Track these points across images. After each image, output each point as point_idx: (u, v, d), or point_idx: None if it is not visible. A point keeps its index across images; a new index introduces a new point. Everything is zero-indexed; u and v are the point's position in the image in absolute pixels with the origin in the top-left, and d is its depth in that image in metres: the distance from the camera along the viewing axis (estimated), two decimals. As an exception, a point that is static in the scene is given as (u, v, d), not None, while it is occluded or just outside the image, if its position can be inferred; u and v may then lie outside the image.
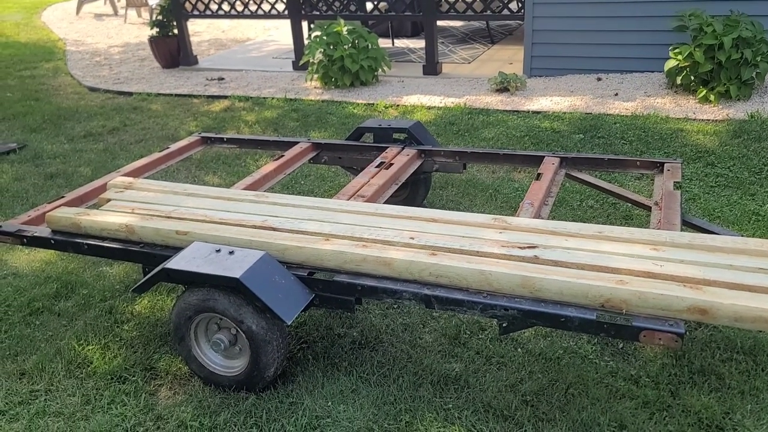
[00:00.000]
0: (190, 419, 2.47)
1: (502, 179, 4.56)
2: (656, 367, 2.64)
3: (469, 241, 2.54)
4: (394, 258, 2.44)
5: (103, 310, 3.20)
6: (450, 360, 2.78)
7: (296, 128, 5.91)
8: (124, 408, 2.55)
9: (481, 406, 2.49)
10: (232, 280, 2.37)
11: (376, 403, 2.53)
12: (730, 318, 2.06)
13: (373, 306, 3.16)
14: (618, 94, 6.01)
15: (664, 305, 2.11)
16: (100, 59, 9.58)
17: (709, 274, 2.21)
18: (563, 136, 5.17)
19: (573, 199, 4.17)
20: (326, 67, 6.88)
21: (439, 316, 3.06)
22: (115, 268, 3.63)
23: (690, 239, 2.46)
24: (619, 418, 2.39)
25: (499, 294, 2.31)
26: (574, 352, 2.77)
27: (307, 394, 2.59)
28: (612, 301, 2.17)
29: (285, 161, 3.77)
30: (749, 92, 5.45)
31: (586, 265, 2.33)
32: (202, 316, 2.58)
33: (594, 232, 2.57)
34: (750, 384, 2.51)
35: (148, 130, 6.16)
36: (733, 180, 4.21)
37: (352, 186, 3.33)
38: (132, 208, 3.01)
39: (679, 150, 4.70)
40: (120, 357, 2.86)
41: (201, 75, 8.20)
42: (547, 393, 2.54)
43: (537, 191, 3.14)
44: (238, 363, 2.62)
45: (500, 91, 6.47)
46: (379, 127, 3.97)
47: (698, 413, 2.38)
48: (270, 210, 2.94)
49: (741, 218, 3.74)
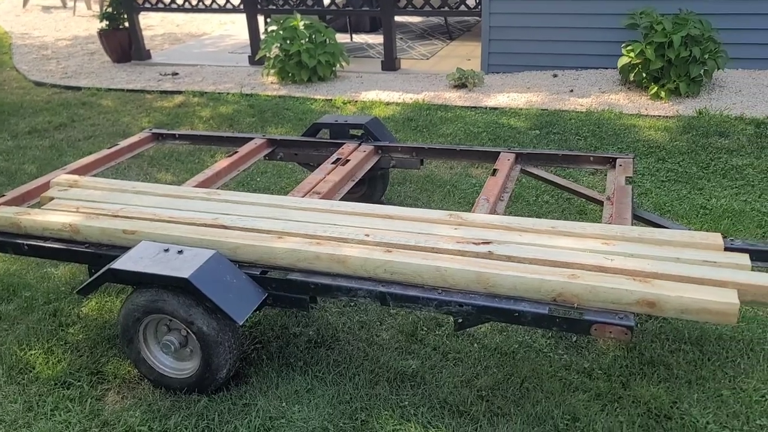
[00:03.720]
0: (139, 424, 2.39)
1: (460, 175, 4.57)
2: (608, 360, 2.68)
3: (425, 237, 2.53)
4: (348, 255, 2.41)
5: (47, 313, 3.08)
6: (407, 357, 2.76)
7: (253, 124, 5.81)
8: (68, 414, 2.45)
9: (437, 402, 2.49)
10: (181, 281, 2.30)
11: (331, 403, 2.50)
12: (676, 310, 2.10)
13: (329, 304, 3.13)
14: (573, 91, 6.10)
15: (614, 299, 2.13)
16: (47, 53, 9.24)
17: (658, 267, 2.25)
18: (520, 132, 5.22)
19: (529, 195, 4.21)
20: (283, 62, 6.79)
21: (396, 314, 3.04)
22: (60, 269, 3.50)
23: (640, 233, 2.50)
24: (572, 410, 2.41)
25: (454, 290, 2.31)
26: (529, 347, 2.79)
27: (260, 394, 2.54)
28: (564, 296, 2.19)
29: (239, 158, 3.69)
30: (698, 89, 5.60)
31: (539, 260, 2.34)
32: (151, 318, 2.50)
33: (547, 227, 2.59)
34: (696, 373, 2.57)
35: (98, 126, 5.97)
36: (683, 175, 4.32)
37: (307, 182, 3.28)
38: (77, 206, 2.90)
39: (631, 145, 4.80)
40: (65, 361, 2.75)
41: (154, 70, 7.99)
42: (502, 387, 2.55)
43: (492, 187, 3.15)
44: (189, 365, 2.55)
45: (458, 87, 6.50)
46: (335, 123, 3.93)
47: (647, 403, 2.43)
48: (222, 208, 2.86)
49: (690, 212, 3.84)
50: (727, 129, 4.90)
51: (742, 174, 4.25)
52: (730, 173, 4.28)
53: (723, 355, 2.68)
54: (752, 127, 4.91)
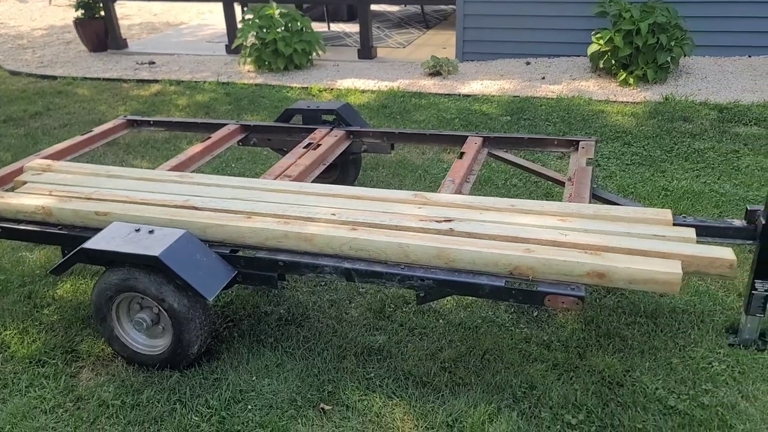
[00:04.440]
0: (112, 398, 2.47)
1: (432, 160, 4.66)
2: (567, 333, 2.80)
3: (389, 216, 2.62)
4: (315, 233, 2.49)
5: (22, 295, 3.13)
6: (374, 332, 2.86)
7: (229, 112, 5.85)
8: (42, 390, 2.52)
9: (402, 374, 2.59)
10: (152, 259, 2.37)
11: (300, 376, 2.59)
12: (625, 280, 2.21)
13: (300, 284, 3.21)
14: (545, 78, 6.21)
15: (566, 271, 2.24)
16: (23, 42, 9.17)
17: (609, 241, 2.36)
18: (492, 118, 5.32)
19: (498, 179, 4.32)
20: (259, 50, 6.82)
21: (365, 292, 3.14)
22: (35, 253, 3.54)
23: (594, 210, 2.61)
24: (530, 379, 2.53)
25: (416, 265, 2.40)
26: (492, 321, 2.90)
27: (231, 369, 2.63)
28: (520, 269, 2.30)
29: (212, 143, 3.75)
30: (665, 76, 5.74)
31: (497, 236, 2.44)
32: (124, 296, 2.57)
33: (507, 205, 2.69)
34: (649, 344, 2.70)
35: (73, 114, 5.97)
36: (647, 158, 4.45)
37: (278, 166, 3.35)
38: (50, 190, 2.94)
39: (599, 130, 4.92)
40: (39, 341, 2.81)
41: (131, 59, 7.97)
42: (464, 360, 2.66)
43: (459, 169, 3.25)
44: (161, 342, 2.62)
45: (433, 75, 6.58)
46: (308, 109, 4.00)
47: (602, 372, 2.55)
48: (193, 190, 2.93)
49: (652, 193, 3.97)
50: (691, 114, 5.04)
51: (703, 157, 4.40)
52: (692, 156, 4.42)
53: (675, 326, 2.81)
54: (715, 112, 5.06)
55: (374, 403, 2.45)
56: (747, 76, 5.77)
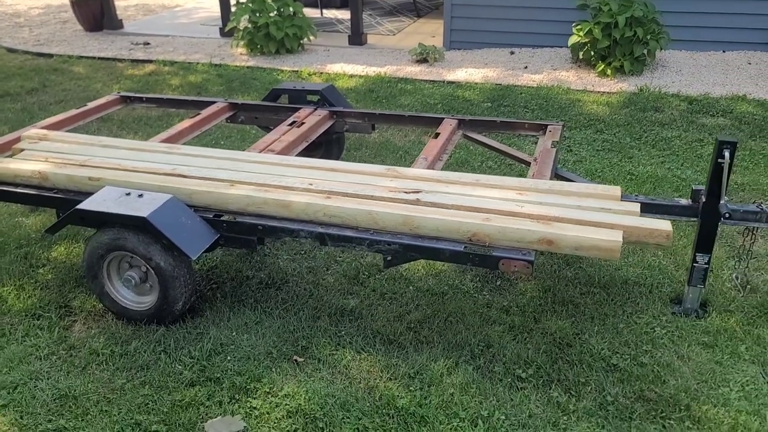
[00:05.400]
0: (102, 348, 2.68)
1: (413, 142, 4.87)
2: (525, 299, 3.03)
3: (362, 187, 2.83)
4: (292, 201, 2.71)
5: (19, 256, 3.33)
6: (348, 297, 3.08)
7: (221, 92, 6.03)
8: (37, 339, 2.73)
9: (371, 333, 2.81)
10: (140, 219, 2.58)
11: (277, 332, 2.81)
12: (571, 247, 2.44)
13: (281, 251, 3.43)
14: (527, 67, 6.42)
15: (519, 237, 2.47)
16: (20, 21, 9.28)
17: (560, 212, 2.58)
18: (473, 104, 5.53)
19: (474, 161, 4.53)
20: (252, 33, 6.99)
21: (342, 260, 3.35)
22: (31, 219, 3.74)
23: (550, 186, 2.83)
24: (488, 339, 2.76)
25: (384, 231, 2.62)
26: (458, 288, 3.12)
27: (213, 325, 2.84)
28: (478, 235, 2.52)
29: (201, 119, 3.94)
30: (641, 68, 5.96)
31: (460, 206, 2.66)
32: (114, 255, 2.77)
33: (472, 180, 2.91)
34: (600, 311, 2.94)
35: (69, 91, 6.14)
36: (617, 144, 4.68)
37: (263, 141, 3.55)
38: (46, 157, 3.14)
39: (574, 118, 5.14)
40: (35, 297, 3.02)
41: (126, 39, 8.12)
42: (429, 321, 2.89)
43: (433, 148, 3.46)
44: (148, 299, 2.83)
45: (420, 62, 6.77)
46: (293, 89, 4.19)
47: (553, 334, 2.78)
48: (181, 160, 3.13)
49: (618, 177, 4.20)
50: (662, 105, 5.27)
51: (669, 145, 4.63)
52: (660, 144, 4.65)
53: (625, 296, 3.04)
54: (686, 103, 5.29)
55: (344, 357, 2.67)
56: (719, 70, 6.00)
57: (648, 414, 2.37)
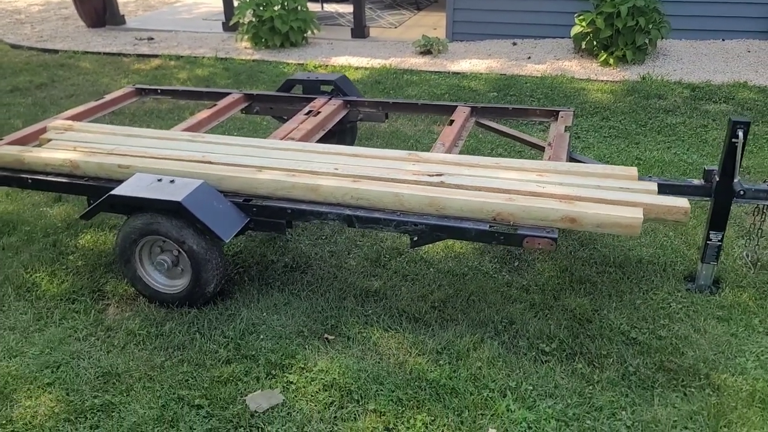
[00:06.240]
0: (138, 329, 2.76)
1: (423, 131, 4.96)
2: (544, 279, 3.13)
3: (387, 171, 2.91)
4: (320, 184, 2.79)
5: (48, 244, 3.40)
6: (371, 278, 3.17)
7: (228, 85, 6.09)
8: (75, 322, 2.81)
9: (396, 312, 2.90)
10: (174, 204, 2.66)
11: (305, 313, 2.90)
12: (593, 224, 2.53)
13: (303, 237, 3.51)
14: (531, 58, 6.51)
15: (542, 216, 2.56)
16: (21, 17, 9.30)
17: (580, 192, 2.68)
18: (479, 94, 5.62)
19: (485, 148, 4.63)
20: (256, 27, 7.05)
21: (362, 244, 3.44)
22: (55, 209, 3.80)
23: (569, 167, 2.92)
24: (510, 316, 2.86)
25: (411, 213, 2.71)
26: (477, 269, 3.22)
27: (244, 307, 2.93)
28: (502, 215, 2.61)
29: (218, 110, 4.01)
30: (643, 57, 6.06)
31: (483, 188, 2.75)
32: (147, 239, 2.85)
33: (492, 163, 3.00)
34: (617, 288, 3.04)
35: (78, 86, 6.18)
36: (623, 131, 4.78)
37: (282, 130, 3.63)
38: (74, 146, 3.21)
39: (580, 106, 5.24)
40: (67, 282, 3.09)
41: (129, 35, 8.16)
42: (452, 300, 2.98)
43: (449, 134, 3.55)
44: (180, 282, 2.91)
45: (424, 54, 6.85)
46: (308, 80, 4.27)
47: (573, 311, 2.88)
48: (206, 148, 3.21)
49: (627, 162, 4.30)
50: (665, 92, 5.38)
51: (674, 131, 4.74)
52: (665, 130, 4.76)
53: (640, 275, 3.15)
54: (688, 90, 5.40)
55: (372, 334, 2.76)
56: (719, 59, 6.11)
57: (669, 383, 2.47)
